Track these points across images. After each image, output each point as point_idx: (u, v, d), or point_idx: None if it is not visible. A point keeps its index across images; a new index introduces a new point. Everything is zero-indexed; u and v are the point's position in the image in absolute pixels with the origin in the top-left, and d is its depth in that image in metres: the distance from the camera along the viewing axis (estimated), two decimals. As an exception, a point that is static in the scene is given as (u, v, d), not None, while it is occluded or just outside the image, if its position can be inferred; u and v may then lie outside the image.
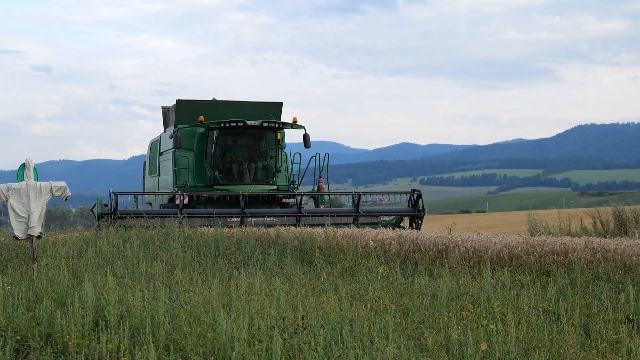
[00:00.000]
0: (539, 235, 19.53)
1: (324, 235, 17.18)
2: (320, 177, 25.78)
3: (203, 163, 25.32)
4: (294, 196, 24.65)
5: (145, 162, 29.66)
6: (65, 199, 14.65)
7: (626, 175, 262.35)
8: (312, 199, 27.21)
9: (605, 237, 18.91)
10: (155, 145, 28.02)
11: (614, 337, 9.18)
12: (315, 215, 23.75)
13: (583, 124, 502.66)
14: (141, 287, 11.19)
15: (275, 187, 25.30)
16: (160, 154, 27.07)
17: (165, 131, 27.25)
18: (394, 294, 11.98)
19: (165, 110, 27.56)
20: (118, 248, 16.23)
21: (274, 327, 9.01)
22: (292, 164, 26.26)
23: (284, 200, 25.36)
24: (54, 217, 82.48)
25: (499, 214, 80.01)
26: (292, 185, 25.98)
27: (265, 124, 24.62)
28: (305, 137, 25.83)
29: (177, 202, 22.91)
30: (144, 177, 29.75)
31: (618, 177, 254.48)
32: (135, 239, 17.26)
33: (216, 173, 24.85)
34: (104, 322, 9.25)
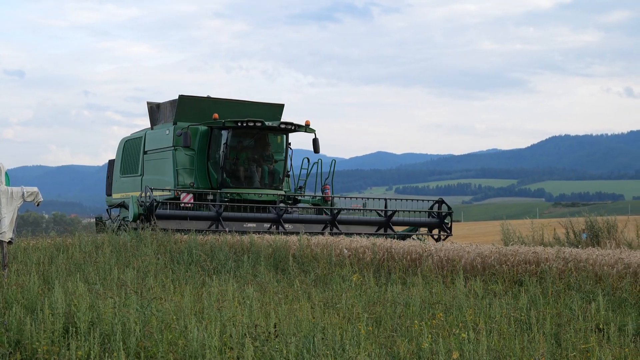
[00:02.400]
0: (512, 245, 19.62)
1: (298, 244, 17.15)
2: (325, 183, 24.93)
3: (205, 163, 24.08)
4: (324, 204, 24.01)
5: (111, 162, 28.19)
6: (38, 205, 14.53)
7: (599, 186, 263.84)
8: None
9: (578, 247, 19.03)
10: (133, 144, 26.60)
11: (584, 346, 9.22)
12: (349, 224, 22.98)
13: (557, 134, 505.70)
14: (112, 293, 11.11)
15: (282, 192, 24.44)
16: (145, 152, 25.63)
17: (152, 128, 25.89)
18: (366, 302, 11.98)
19: (153, 107, 26.08)
20: (90, 254, 16.13)
21: (245, 334, 8.98)
22: (301, 168, 25.28)
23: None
24: (26, 223, 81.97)
25: (473, 223, 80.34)
26: (298, 191, 25.12)
27: (283, 126, 23.81)
28: (315, 141, 24.95)
29: (185, 200, 21.79)
30: (110, 177, 28.14)
31: (591, 188, 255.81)
32: (107, 245, 17.15)
33: (224, 175, 23.64)
34: (74, 329, 9.18)
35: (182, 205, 21.75)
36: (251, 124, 23.27)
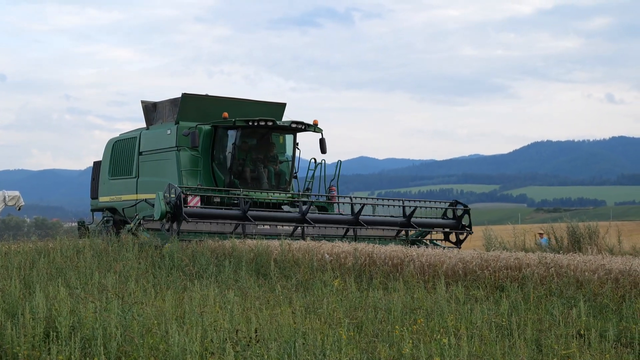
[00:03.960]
0: (494, 250, 19.67)
1: (280, 248, 17.13)
2: (331, 185, 24.15)
3: (209, 164, 23.14)
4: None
5: (97, 164, 27.28)
6: (19, 209, 14.51)
7: (581, 192, 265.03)
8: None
9: (559, 252, 19.09)
10: (125, 144, 25.65)
11: (564, 352, 9.26)
12: (371, 224, 22.27)
13: (539, 140, 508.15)
14: (93, 298, 11.08)
15: (289, 193, 23.57)
16: (141, 153, 24.62)
17: (148, 128, 24.94)
18: (348, 307, 11.98)
19: (149, 106, 25.12)
20: (71, 258, 16.07)
21: (226, 339, 8.96)
22: (308, 169, 24.35)
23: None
24: (7, 227, 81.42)
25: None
26: (305, 192, 24.05)
27: (294, 125, 23.09)
28: (322, 141, 24.13)
29: (191, 204, 20.48)
30: (95, 179, 27.14)
31: (573, 194, 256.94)
32: (88, 249, 17.09)
33: (231, 177, 22.70)
34: (55, 334, 9.13)
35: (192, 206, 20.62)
36: (262, 123, 22.51)
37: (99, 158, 27.26)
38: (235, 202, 21.27)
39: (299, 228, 20.89)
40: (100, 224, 26.13)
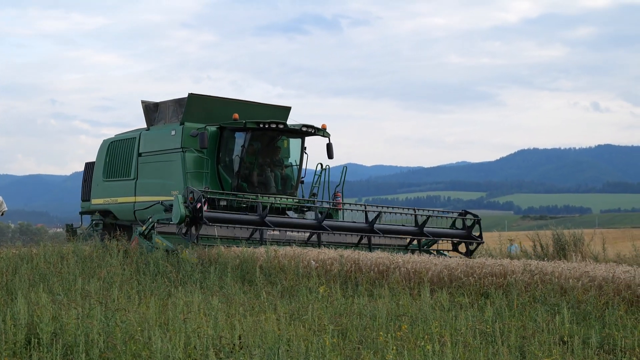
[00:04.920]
0: (479, 257, 19.70)
1: (266, 255, 17.09)
2: (337, 191, 23.72)
3: (214, 167, 22.53)
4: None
5: (89, 165, 26.62)
6: (2, 214, 14.41)
7: (567, 199, 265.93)
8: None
9: (544, 260, 19.12)
10: (122, 145, 24.97)
11: (548, 359, 9.26)
12: (386, 233, 21.73)
13: (525, 148, 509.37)
14: (76, 304, 11.03)
15: (296, 198, 23.24)
16: (140, 154, 23.99)
17: (148, 129, 24.30)
18: (333, 314, 11.95)
19: (149, 106, 24.46)
20: (55, 264, 15.99)
21: (209, 346, 8.93)
22: (314, 174, 23.78)
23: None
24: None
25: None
26: (312, 198, 23.79)
27: (304, 129, 22.72)
28: (329, 146, 23.82)
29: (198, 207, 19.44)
30: (87, 181, 26.46)
31: (559, 201, 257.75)
32: (72, 255, 17.01)
33: (239, 180, 22.21)
34: (36, 340, 9.09)
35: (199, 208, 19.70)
36: (273, 125, 22.11)
37: (84, 163, 27.02)
38: (244, 206, 20.86)
39: (314, 235, 20.54)
40: (89, 228, 25.72)
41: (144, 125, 24.86)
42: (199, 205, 18.52)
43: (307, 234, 20.83)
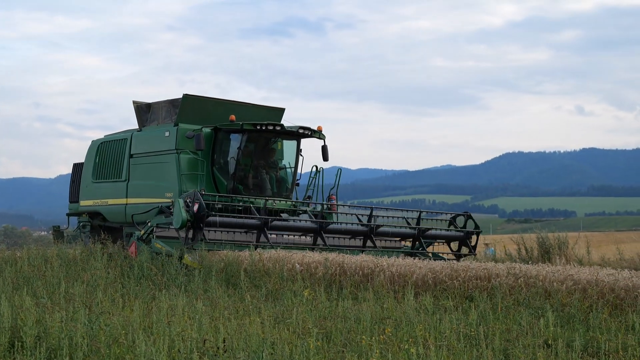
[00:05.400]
0: (463, 260, 19.74)
1: (250, 258, 17.07)
2: (331, 194, 23.57)
3: (209, 169, 22.21)
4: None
5: (77, 166, 26.20)
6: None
7: (552, 202, 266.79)
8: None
9: (529, 263, 19.17)
10: (113, 146, 24.52)
11: (532, 362, 9.28)
12: (386, 236, 21.80)
13: (510, 151, 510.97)
14: (60, 308, 10.99)
15: (291, 201, 22.99)
16: (132, 155, 23.57)
17: (140, 130, 23.90)
18: (317, 317, 11.95)
19: (141, 106, 24.07)
20: (39, 268, 15.93)
21: (194, 349, 8.92)
22: (309, 177, 23.67)
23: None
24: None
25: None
26: (307, 201, 23.43)
27: (301, 130, 22.46)
28: (324, 148, 23.61)
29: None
30: (75, 182, 26.06)
31: (544, 205, 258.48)
32: (56, 258, 16.95)
33: (235, 182, 21.89)
34: (20, 344, 9.06)
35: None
36: (270, 127, 21.88)
37: (68, 167, 26.78)
38: (239, 208, 20.40)
39: (318, 239, 20.36)
40: (77, 230, 25.42)
41: (129, 128, 24.69)
42: (196, 206, 18.32)
43: (304, 237, 20.69)
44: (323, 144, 23.54)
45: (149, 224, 20.11)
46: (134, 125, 24.44)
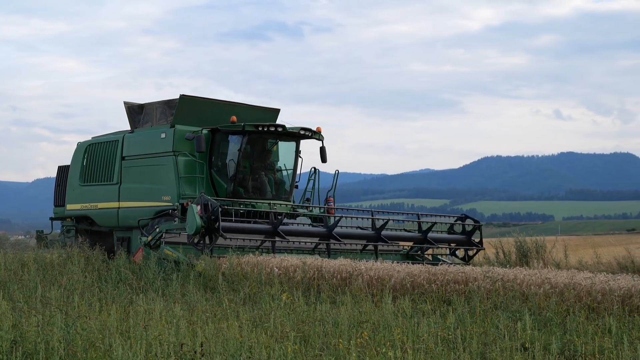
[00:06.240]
0: (441, 264, 19.77)
1: (228, 262, 17.03)
2: (329, 196, 23.29)
3: (207, 171, 21.75)
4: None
5: (62, 169, 25.58)
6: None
7: (530, 206, 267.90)
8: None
9: (507, 267, 19.24)
10: (103, 148, 23.91)
11: (509, 365, 9.31)
12: (392, 240, 21.59)
13: (489, 155, 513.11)
14: (37, 312, 10.93)
15: (291, 203, 22.67)
16: (124, 158, 23.05)
17: (132, 131, 23.35)
18: (295, 321, 11.93)
19: (133, 108, 23.54)
20: (15, 272, 15.84)
21: (171, 353, 8.89)
22: (309, 179, 23.44)
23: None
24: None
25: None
26: (306, 203, 23.25)
27: (302, 132, 22.14)
28: (322, 149, 23.28)
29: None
30: (61, 185, 25.35)
31: (522, 209, 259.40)
32: (33, 262, 16.86)
33: (233, 185, 21.47)
34: (-5, 348, 8.99)
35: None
36: (272, 128, 21.54)
37: (46, 171, 26.53)
38: (242, 212, 19.95)
39: (325, 243, 20.11)
40: (62, 235, 24.88)
41: (107, 131, 24.38)
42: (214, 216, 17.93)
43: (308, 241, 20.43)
44: (321, 145, 23.27)
45: (158, 230, 19.63)
46: (112, 128, 24.34)
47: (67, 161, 25.46)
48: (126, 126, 23.93)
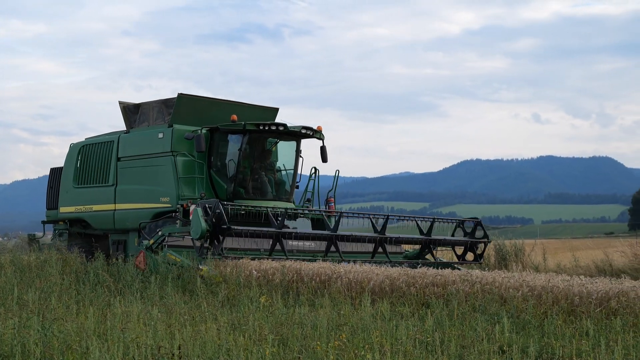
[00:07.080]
0: (420, 267, 19.78)
1: (208, 265, 16.97)
2: (329, 197, 23.17)
3: (206, 171, 21.39)
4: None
5: (55, 170, 25.17)
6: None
7: (509, 210, 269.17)
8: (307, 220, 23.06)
9: (486, 270, 19.28)
10: (98, 149, 23.46)
11: (487, 368, 9.32)
12: (396, 243, 21.25)
13: (468, 159, 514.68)
14: (13, 314, 10.86)
15: (292, 204, 22.45)
16: (119, 159, 22.61)
17: (128, 132, 22.94)
18: (274, 323, 11.91)
19: (129, 107, 23.19)
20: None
21: (148, 356, 8.85)
22: (309, 179, 23.13)
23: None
24: None
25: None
26: (307, 204, 22.98)
27: (304, 131, 21.82)
28: (323, 149, 22.93)
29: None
30: (53, 188, 24.92)
31: (501, 212, 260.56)
32: (9, 265, 16.75)
33: (233, 185, 21.11)
34: (-30, 351, 8.93)
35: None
36: (274, 127, 21.17)
37: (24, 173, 26.35)
38: (242, 213, 19.33)
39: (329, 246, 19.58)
40: (54, 238, 24.50)
41: (89, 133, 24.25)
42: (219, 219, 17.50)
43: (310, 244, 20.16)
44: (322, 144, 22.98)
45: (160, 233, 19.26)
46: (92, 129, 24.36)
47: (46, 163, 25.24)
48: (105, 128, 24.07)
